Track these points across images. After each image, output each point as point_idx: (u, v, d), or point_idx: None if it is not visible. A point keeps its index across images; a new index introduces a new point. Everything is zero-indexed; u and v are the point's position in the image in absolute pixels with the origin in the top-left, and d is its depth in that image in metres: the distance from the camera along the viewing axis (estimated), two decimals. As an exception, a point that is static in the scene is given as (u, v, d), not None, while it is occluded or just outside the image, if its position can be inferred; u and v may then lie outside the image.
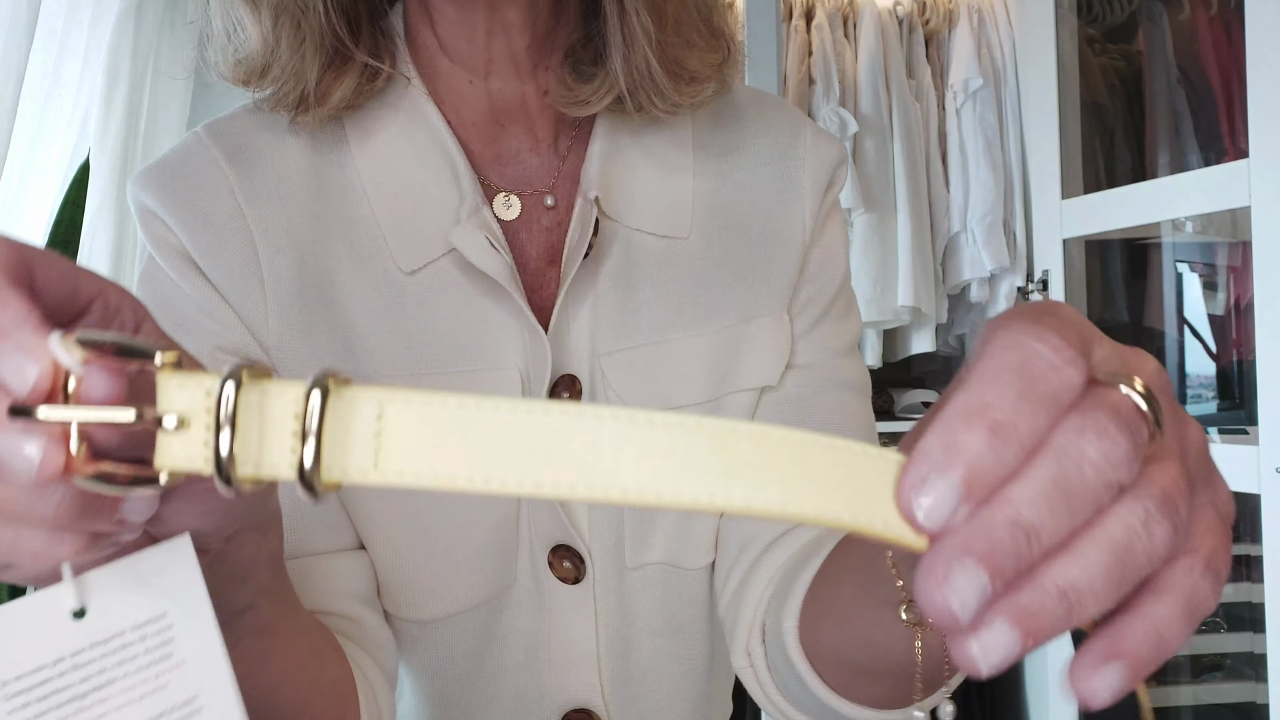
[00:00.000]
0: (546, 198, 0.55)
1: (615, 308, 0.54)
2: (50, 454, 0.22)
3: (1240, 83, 1.61)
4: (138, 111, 1.71)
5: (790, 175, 0.58)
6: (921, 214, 2.10)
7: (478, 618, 0.55)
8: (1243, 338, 2.06)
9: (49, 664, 0.26)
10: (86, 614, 0.26)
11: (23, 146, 1.45)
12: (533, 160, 0.56)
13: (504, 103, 0.55)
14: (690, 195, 0.57)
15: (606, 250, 0.54)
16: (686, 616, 0.58)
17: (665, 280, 0.55)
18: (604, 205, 0.54)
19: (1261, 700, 1.62)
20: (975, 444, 0.21)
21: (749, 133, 0.60)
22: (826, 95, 2.07)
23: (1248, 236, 1.58)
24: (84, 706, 0.26)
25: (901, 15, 2.18)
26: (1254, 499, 1.58)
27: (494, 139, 0.56)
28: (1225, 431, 2.05)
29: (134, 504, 0.25)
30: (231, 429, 0.22)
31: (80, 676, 0.26)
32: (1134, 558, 0.22)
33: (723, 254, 0.57)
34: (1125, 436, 0.22)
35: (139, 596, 0.27)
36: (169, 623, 0.27)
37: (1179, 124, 2.12)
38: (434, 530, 0.52)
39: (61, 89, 1.54)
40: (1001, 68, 2.16)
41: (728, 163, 0.59)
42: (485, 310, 0.52)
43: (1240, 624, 2.16)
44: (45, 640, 0.26)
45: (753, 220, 0.58)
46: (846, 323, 0.60)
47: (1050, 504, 0.21)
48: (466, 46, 0.53)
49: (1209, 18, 2.12)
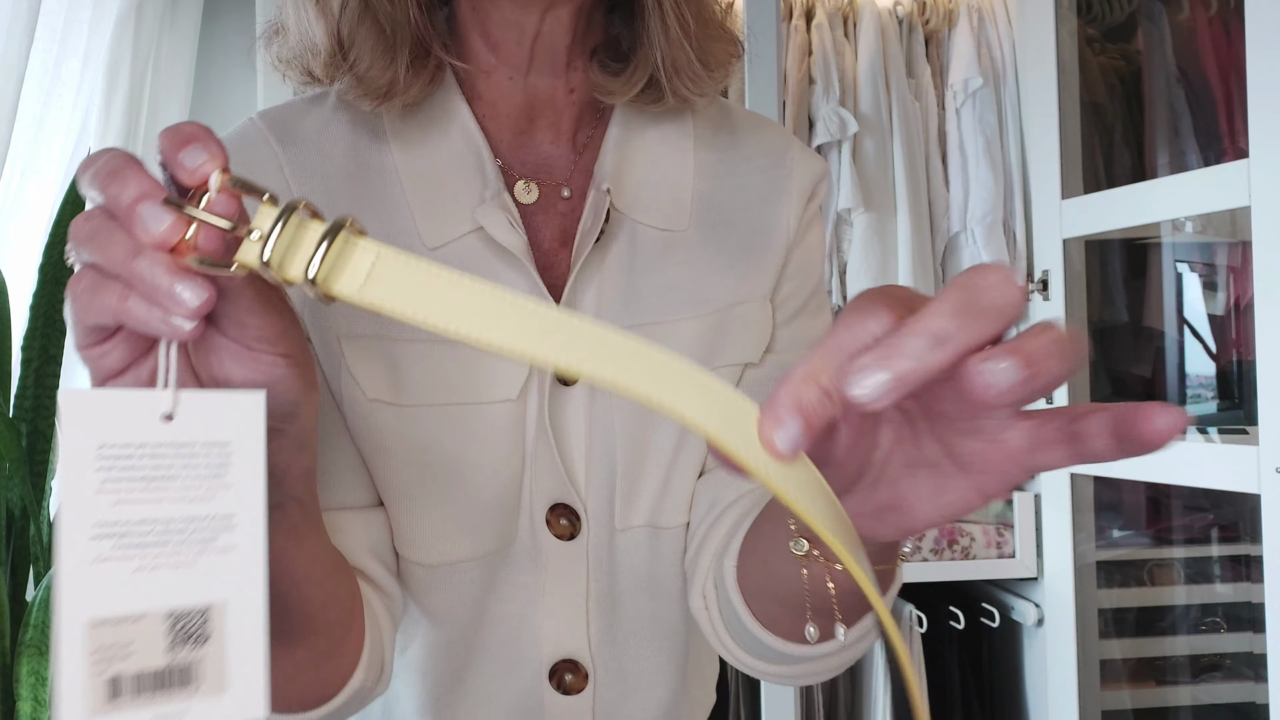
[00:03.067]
0: (563, 189, 0.61)
1: (619, 289, 0.60)
2: (175, 228, 0.32)
3: (1240, 83, 1.62)
4: (138, 111, 1.71)
5: (779, 181, 0.65)
6: (921, 214, 2.10)
7: (481, 568, 0.60)
8: (1243, 338, 2.06)
9: (134, 444, 0.33)
10: (173, 419, 0.33)
11: (23, 146, 1.45)
12: (553, 151, 0.62)
13: (537, 98, 0.61)
14: (690, 192, 0.63)
15: (614, 238, 0.60)
16: (666, 576, 0.63)
17: (664, 268, 0.61)
18: (614, 198, 0.60)
19: (1261, 700, 1.61)
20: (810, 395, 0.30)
21: (744, 141, 0.67)
22: (826, 95, 2.07)
23: (1248, 236, 1.58)
24: (147, 488, 0.33)
25: (901, 15, 2.18)
26: (1254, 499, 1.58)
27: (522, 130, 0.61)
28: (1225, 431, 2.05)
29: (195, 289, 0.32)
30: (273, 242, 0.33)
31: (153, 464, 0.33)
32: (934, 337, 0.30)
33: (716, 246, 0.63)
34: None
35: (214, 422, 0.34)
36: (230, 451, 0.34)
37: (1179, 124, 2.12)
38: (447, 484, 0.58)
39: (61, 89, 1.54)
40: (1001, 68, 2.16)
41: (724, 165, 0.65)
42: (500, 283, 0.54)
43: (1240, 624, 2.16)
44: (138, 426, 0.33)
45: (744, 217, 0.64)
46: (820, 319, 0.68)
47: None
48: (514, 45, 0.59)
49: (1209, 18, 2.12)
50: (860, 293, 0.33)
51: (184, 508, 0.33)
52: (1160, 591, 2.23)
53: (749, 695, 2.08)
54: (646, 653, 0.64)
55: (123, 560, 0.32)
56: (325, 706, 0.53)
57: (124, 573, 0.32)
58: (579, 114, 0.62)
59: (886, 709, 2.01)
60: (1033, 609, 2.08)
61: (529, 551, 0.60)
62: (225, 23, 2.04)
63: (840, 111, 2.05)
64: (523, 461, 0.58)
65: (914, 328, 0.29)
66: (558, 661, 0.61)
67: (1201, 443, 2.05)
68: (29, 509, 1.30)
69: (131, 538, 0.32)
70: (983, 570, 2.09)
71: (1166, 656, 2.23)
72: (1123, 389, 2.25)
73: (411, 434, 0.57)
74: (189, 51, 1.90)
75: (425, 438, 0.57)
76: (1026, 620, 2.09)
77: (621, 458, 0.59)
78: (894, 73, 2.12)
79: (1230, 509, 2.13)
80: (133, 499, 0.33)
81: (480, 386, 0.57)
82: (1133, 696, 2.18)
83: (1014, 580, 2.14)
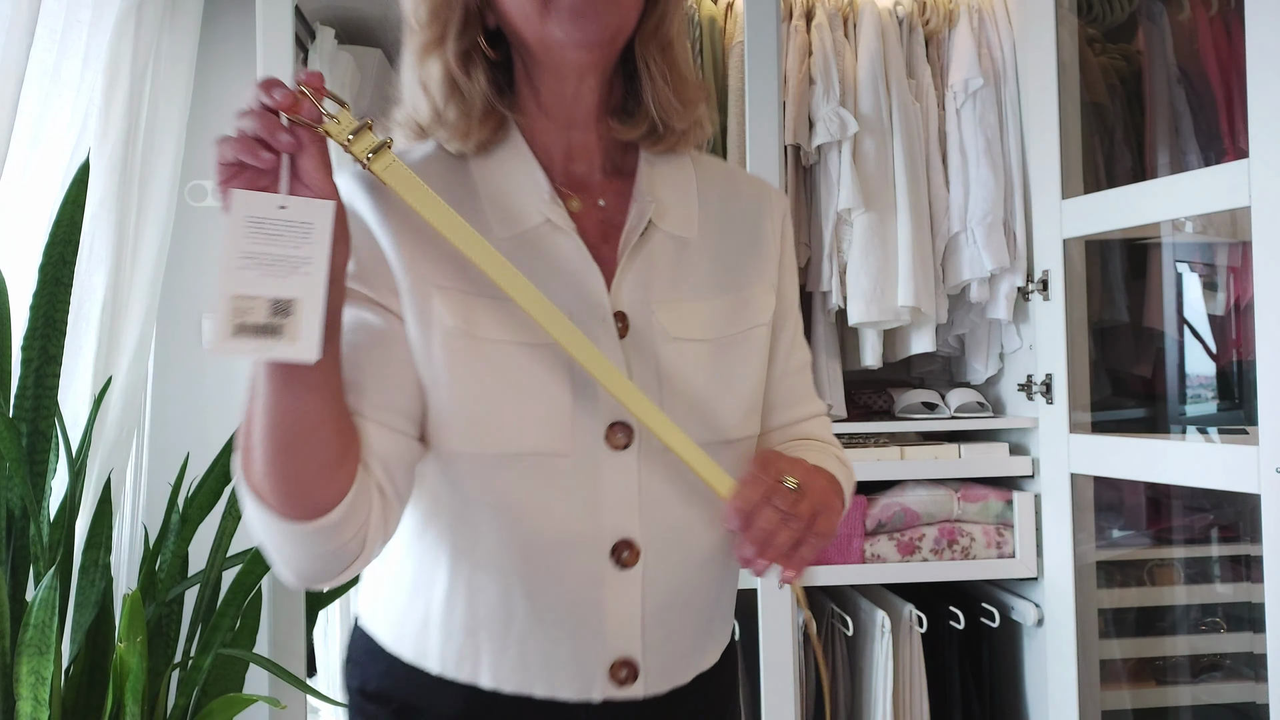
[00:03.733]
0: (599, 200, 0.87)
1: (650, 275, 0.84)
2: (289, 95, 0.65)
3: (1240, 83, 1.62)
4: (138, 111, 1.71)
5: (763, 209, 0.93)
6: (921, 214, 2.10)
7: (544, 464, 0.78)
8: (1243, 338, 2.06)
9: (265, 218, 0.65)
10: (284, 208, 0.65)
11: (23, 146, 1.45)
12: (588, 175, 0.88)
13: (576, 144, 0.87)
14: (696, 211, 0.89)
15: (647, 238, 0.85)
16: (701, 486, 0.80)
17: (679, 262, 0.86)
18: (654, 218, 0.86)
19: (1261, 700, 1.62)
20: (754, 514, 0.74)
21: (736, 179, 0.96)
22: (826, 95, 2.07)
23: (1248, 236, 1.58)
24: (269, 239, 0.64)
25: (901, 15, 2.18)
26: (1254, 499, 1.58)
27: (565, 167, 0.87)
28: (1225, 431, 2.05)
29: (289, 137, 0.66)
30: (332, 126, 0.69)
31: (272, 229, 0.65)
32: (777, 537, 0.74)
33: (717, 252, 0.89)
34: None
35: (303, 211, 0.66)
36: (311, 227, 0.66)
37: (1179, 124, 2.12)
38: (511, 394, 0.78)
39: (61, 89, 1.54)
40: (1001, 68, 2.16)
41: (718, 194, 0.92)
42: (561, 253, 0.83)
43: (1240, 624, 2.16)
44: (267, 209, 0.65)
45: (739, 231, 0.91)
46: (799, 351, 0.97)
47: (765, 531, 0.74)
48: (557, 107, 0.85)
49: (1209, 18, 2.12)
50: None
51: (285, 250, 0.65)
52: (1160, 591, 2.23)
53: (749, 695, 2.08)
54: (691, 541, 0.83)
55: (252, 270, 0.64)
56: (317, 520, 0.71)
57: (252, 275, 0.64)
58: (606, 154, 0.89)
59: (887, 709, 2.01)
60: (1033, 609, 2.08)
61: (591, 455, 0.79)
62: (225, 23, 2.05)
63: (840, 111, 2.05)
64: (572, 390, 0.79)
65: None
66: (617, 542, 0.80)
67: (1201, 443, 2.05)
68: (29, 509, 1.30)
69: (258, 259, 0.64)
70: (983, 570, 2.09)
71: (1166, 656, 2.23)
72: (1123, 389, 2.25)
73: (485, 358, 0.78)
74: (189, 51, 1.90)
75: (495, 363, 0.78)
76: (1026, 620, 2.09)
77: (664, 385, 0.82)
78: (894, 73, 2.12)
79: (1230, 509, 2.13)
80: (260, 242, 0.64)
81: (535, 332, 0.77)
82: (1133, 696, 2.18)
83: (1014, 580, 2.14)
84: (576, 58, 0.80)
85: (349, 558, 0.75)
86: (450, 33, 0.81)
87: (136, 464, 1.90)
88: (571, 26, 0.77)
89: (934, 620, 2.09)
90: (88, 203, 1.37)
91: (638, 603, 0.81)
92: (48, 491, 1.36)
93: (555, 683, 0.81)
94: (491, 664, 0.81)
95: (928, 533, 2.08)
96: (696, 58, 2.07)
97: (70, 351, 1.47)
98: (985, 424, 2.14)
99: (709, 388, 0.83)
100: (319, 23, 2.09)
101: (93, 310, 1.59)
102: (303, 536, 0.72)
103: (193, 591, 1.68)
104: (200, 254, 2.04)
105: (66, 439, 1.45)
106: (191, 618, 1.59)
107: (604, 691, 0.82)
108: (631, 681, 0.82)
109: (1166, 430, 2.22)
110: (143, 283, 1.78)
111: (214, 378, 2.03)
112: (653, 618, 0.82)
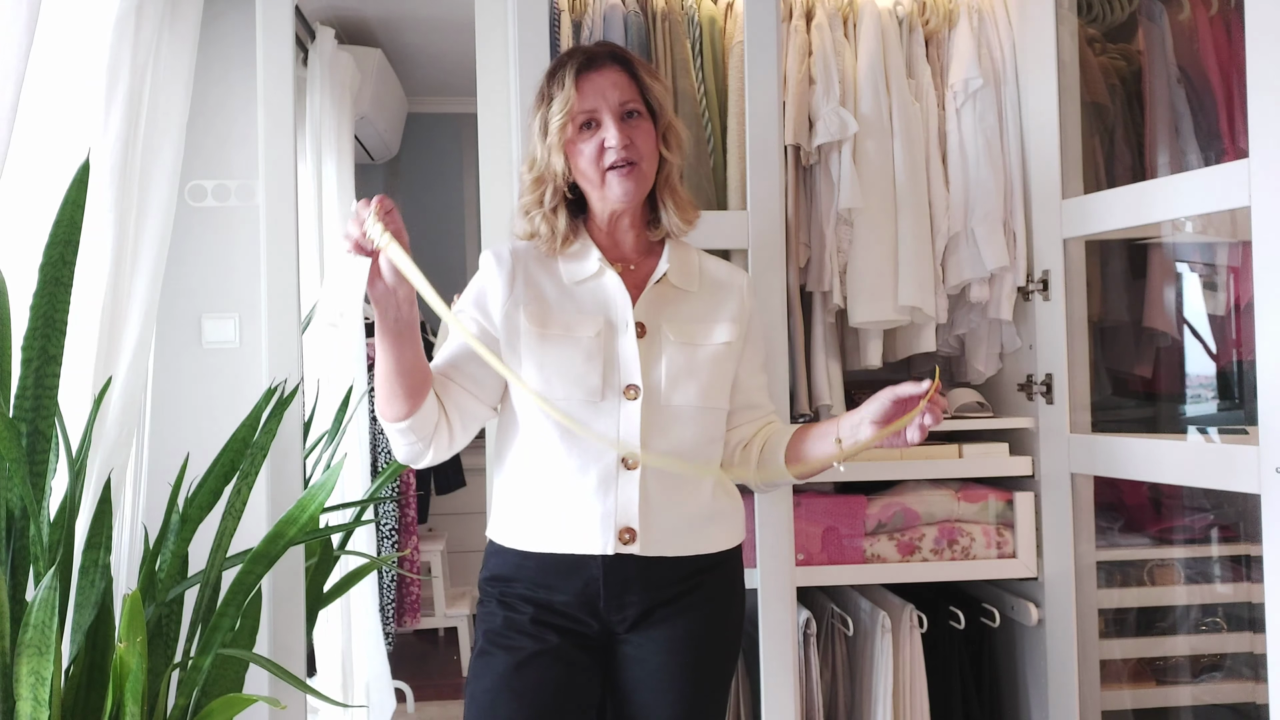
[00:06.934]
0: (631, 265, 1.41)
1: (660, 304, 1.39)
2: (378, 232, 1.14)
3: (1240, 83, 1.62)
4: (138, 111, 1.71)
5: (735, 282, 1.47)
6: (921, 214, 2.10)
7: (588, 404, 1.30)
8: (1243, 338, 2.06)
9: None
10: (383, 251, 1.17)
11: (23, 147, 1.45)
12: (627, 254, 1.42)
13: (621, 243, 1.42)
14: (698, 275, 1.44)
15: (662, 285, 1.40)
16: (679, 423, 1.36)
17: (680, 302, 1.41)
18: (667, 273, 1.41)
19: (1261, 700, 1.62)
20: None
21: (716, 263, 1.49)
22: (826, 95, 2.07)
23: (1248, 236, 1.58)
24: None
25: (901, 15, 2.18)
26: (1254, 499, 1.58)
27: (613, 248, 1.41)
28: (1225, 431, 2.05)
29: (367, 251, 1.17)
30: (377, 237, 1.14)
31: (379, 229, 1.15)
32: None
33: (701, 299, 1.42)
34: None
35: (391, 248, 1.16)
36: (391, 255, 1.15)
37: (1179, 124, 2.12)
38: (565, 356, 1.32)
39: (61, 89, 1.54)
40: (1001, 68, 2.15)
41: (707, 270, 1.46)
42: (610, 290, 1.38)
43: (1240, 624, 2.16)
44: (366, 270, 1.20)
45: (716, 291, 1.44)
46: (760, 375, 1.49)
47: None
48: (610, 225, 1.40)
49: (1209, 18, 2.12)
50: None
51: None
52: (1160, 591, 2.23)
53: (749, 695, 2.08)
54: (687, 435, 1.35)
55: None
56: (403, 421, 1.26)
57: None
58: (637, 243, 1.42)
59: (887, 709, 2.01)
60: (1033, 609, 2.08)
61: (614, 402, 1.31)
62: (225, 23, 2.05)
63: (840, 112, 2.05)
64: (602, 361, 1.31)
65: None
66: (625, 454, 1.30)
67: (1201, 443, 2.05)
68: (29, 509, 1.30)
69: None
70: (983, 570, 2.09)
71: (1166, 656, 2.23)
72: (1123, 389, 2.25)
73: (552, 342, 1.32)
74: (189, 51, 1.90)
75: (555, 346, 1.32)
76: (1026, 620, 2.09)
77: (665, 367, 1.34)
78: (894, 73, 2.12)
79: (1230, 509, 2.13)
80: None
81: (576, 333, 1.33)
82: (1133, 696, 2.18)
83: (1014, 580, 2.14)
84: (619, 208, 1.37)
85: (420, 452, 1.31)
86: (545, 197, 1.36)
87: (136, 464, 1.90)
88: (617, 195, 1.34)
89: (934, 620, 2.09)
90: (88, 203, 1.37)
91: (637, 491, 1.31)
92: (48, 491, 1.36)
93: (585, 542, 1.30)
94: (548, 531, 1.32)
95: (928, 533, 2.08)
96: (696, 58, 2.07)
97: (70, 351, 1.47)
98: (985, 424, 2.14)
99: (690, 371, 1.35)
100: (319, 23, 2.09)
101: (93, 310, 1.59)
102: (392, 432, 1.29)
103: (193, 591, 1.68)
104: (200, 254, 2.04)
105: (66, 439, 1.45)
106: (191, 618, 1.59)
107: (614, 548, 1.30)
108: (632, 543, 1.30)
109: (1167, 430, 2.22)
110: (142, 283, 1.77)
111: (214, 378, 2.03)
112: (646, 502, 1.31)
